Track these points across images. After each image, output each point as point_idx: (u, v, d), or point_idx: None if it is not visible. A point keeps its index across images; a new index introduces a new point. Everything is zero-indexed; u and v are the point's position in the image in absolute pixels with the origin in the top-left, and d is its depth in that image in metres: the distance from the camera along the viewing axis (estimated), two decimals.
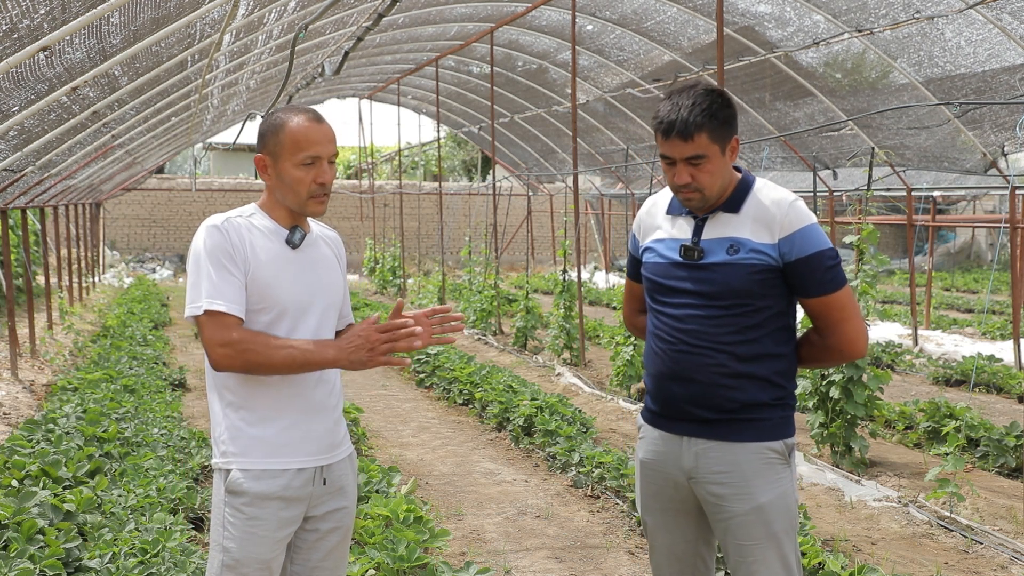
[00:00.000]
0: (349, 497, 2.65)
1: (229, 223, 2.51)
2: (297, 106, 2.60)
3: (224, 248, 2.46)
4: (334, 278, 2.66)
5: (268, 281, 2.50)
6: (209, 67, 8.46)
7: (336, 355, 2.44)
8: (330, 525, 2.61)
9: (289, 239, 2.56)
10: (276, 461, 2.50)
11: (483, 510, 5.65)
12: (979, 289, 19.93)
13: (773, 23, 9.83)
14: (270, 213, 2.59)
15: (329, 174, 2.54)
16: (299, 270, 2.56)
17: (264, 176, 2.57)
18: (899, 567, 4.69)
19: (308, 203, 2.54)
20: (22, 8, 4.18)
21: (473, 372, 8.90)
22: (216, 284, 2.44)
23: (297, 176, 2.51)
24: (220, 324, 2.43)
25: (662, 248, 2.73)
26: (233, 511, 2.48)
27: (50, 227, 15.12)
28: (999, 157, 9.67)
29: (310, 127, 2.51)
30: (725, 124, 2.60)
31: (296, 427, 2.52)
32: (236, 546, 2.47)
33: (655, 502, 2.79)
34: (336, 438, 2.61)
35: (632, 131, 15.04)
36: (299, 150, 2.49)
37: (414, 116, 26.45)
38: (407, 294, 18.46)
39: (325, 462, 2.57)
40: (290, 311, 2.52)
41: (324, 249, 2.69)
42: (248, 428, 2.50)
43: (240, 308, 2.45)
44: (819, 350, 2.71)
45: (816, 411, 6.64)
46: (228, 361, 2.42)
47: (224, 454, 2.52)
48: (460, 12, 13.43)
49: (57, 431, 6.00)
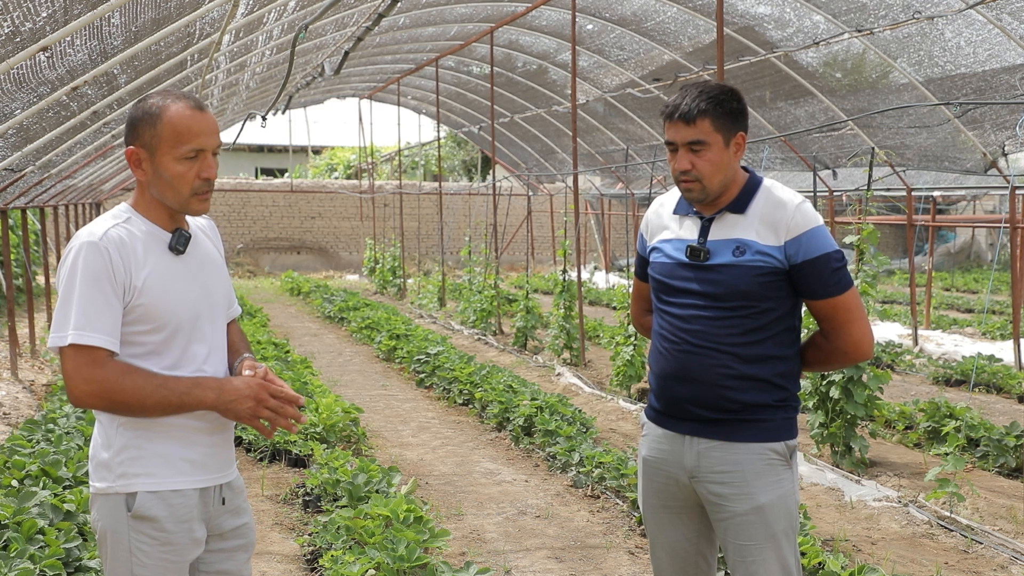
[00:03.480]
0: (247, 513, 2.49)
1: (107, 238, 2.22)
2: (173, 91, 2.30)
3: (102, 268, 2.19)
4: (221, 277, 2.45)
5: (157, 298, 2.25)
6: (209, 67, 8.46)
7: (215, 401, 2.24)
8: (237, 542, 2.44)
9: (173, 245, 2.31)
10: (184, 480, 2.29)
11: (483, 510, 5.65)
12: (979, 289, 19.92)
13: (773, 23, 9.83)
14: (147, 215, 2.32)
15: (214, 168, 2.29)
16: (188, 279, 2.33)
17: (137, 172, 2.30)
18: (899, 567, 4.69)
19: (191, 201, 2.28)
20: (24, 11, 4.19)
21: (473, 372, 8.90)
22: (87, 313, 2.16)
23: (178, 171, 2.24)
24: (88, 359, 2.16)
25: (669, 248, 2.74)
26: (142, 537, 2.25)
27: (50, 227, 15.12)
28: (999, 157, 9.66)
29: (193, 116, 2.24)
30: (730, 116, 2.60)
31: (200, 443, 2.33)
32: (149, 574, 2.25)
33: (657, 500, 2.79)
34: (231, 454, 2.46)
35: (632, 131, 15.04)
36: (180, 142, 2.23)
37: (414, 116, 26.46)
38: (407, 294, 18.47)
39: (225, 480, 2.41)
40: (184, 326, 2.29)
41: (205, 245, 2.45)
42: (150, 445, 2.26)
43: (114, 340, 2.20)
44: (825, 352, 2.71)
45: (816, 411, 6.64)
46: (92, 400, 2.18)
47: (123, 475, 2.25)
48: (460, 12, 13.43)
49: (57, 431, 6.00)
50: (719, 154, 2.60)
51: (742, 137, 2.64)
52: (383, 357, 11.12)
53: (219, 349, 2.41)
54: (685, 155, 2.61)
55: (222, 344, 2.43)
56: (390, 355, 11.01)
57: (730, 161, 2.63)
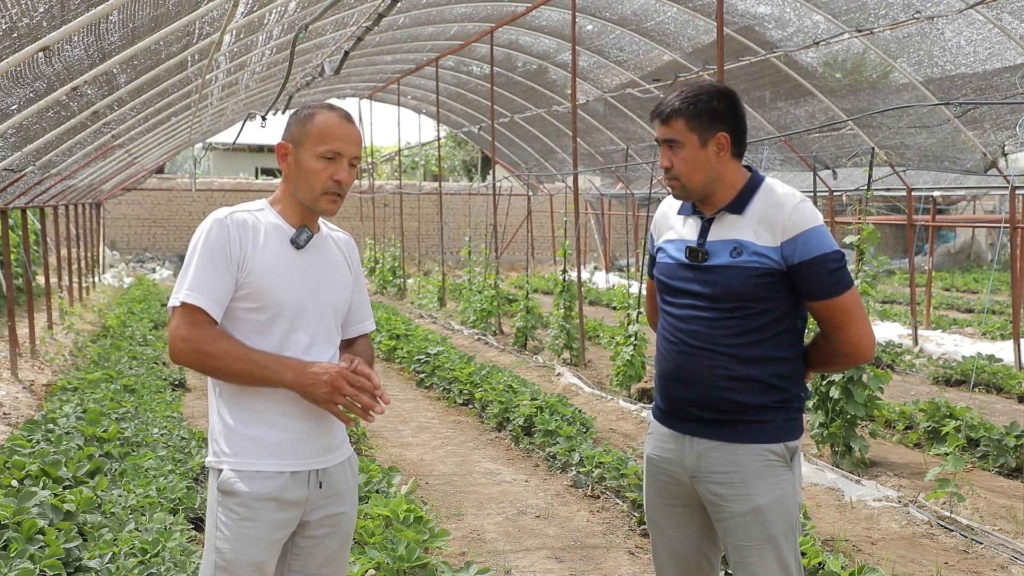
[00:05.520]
0: (347, 502, 2.58)
1: (233, 218, 2.45)
2: (330, 103, 2.57)
3: (221, 243, 2.41)
4: (339, 281, 2.59)
5: (266, 281, 2.43)
6: (209, 67, 8.46)
7: (294, 380, 2.39)
8: (326, 530, 2.54)
9: (294, 239, 2.50)
10: (269, 463, 2.44)
11: (483, 510, 5.65)
12: (979, 289, 19.93)
13: (773, 23, 9.83)
14: (280, 209, 2.53)
15: (348, 174, 2.49)
16: (302, 272, 2.49)
17: (283, 164, 2.52)
18: (899, 567, 4.69)
19: (321, 199, 2.48)
20: (22, 7, 4.18)
21: (473, 372, 8.90)
22: (199, 279, 2.39)
23: (315, 168, 2.46)
24: (189, 318, 2.38)
25: (671, 249, 2.74)
26: (226, 511, 2.42)
27: (50, 227, 15.11)
28: (999, 157, 9.66)
29: (339, 123, 2.48)
30: (708, 115, 2.60)
31: (291, 429, 2.46)
32: (229, 547, 2.41)
33: (660, 498, 2.79)
34: (333, 441, 2.55)
35: (632, 131, 15.03)
36: (322, 142, 2.45)
37: (414, 116, 26.45)
38: (407, 294, 18.47)
39: (321, 465, 2.50)
40: (287, 313, 2.45)
41: (332, 251, 2.62)
42: (241, 428, 2.44)
43: (217, 307, 2.40)
44: (826, 354, 2.70)
45: (816, 411, 6.64)
46: (185, 357, 2.39)
47: (217, 453, 2.47)
48: (460, 12, 13.43)
49: (57, 431, 6.00)
50: (694, 153, 2.61)
51: (724, 137, 2.62)
52: (383, 357, 11.12)
53: (324, 343, 2.53)
54: (666, 153, 2.66)
55: (328, 340, 2.54)
56: (390, 355, 11.01)
57: (709, 161, 2.62)
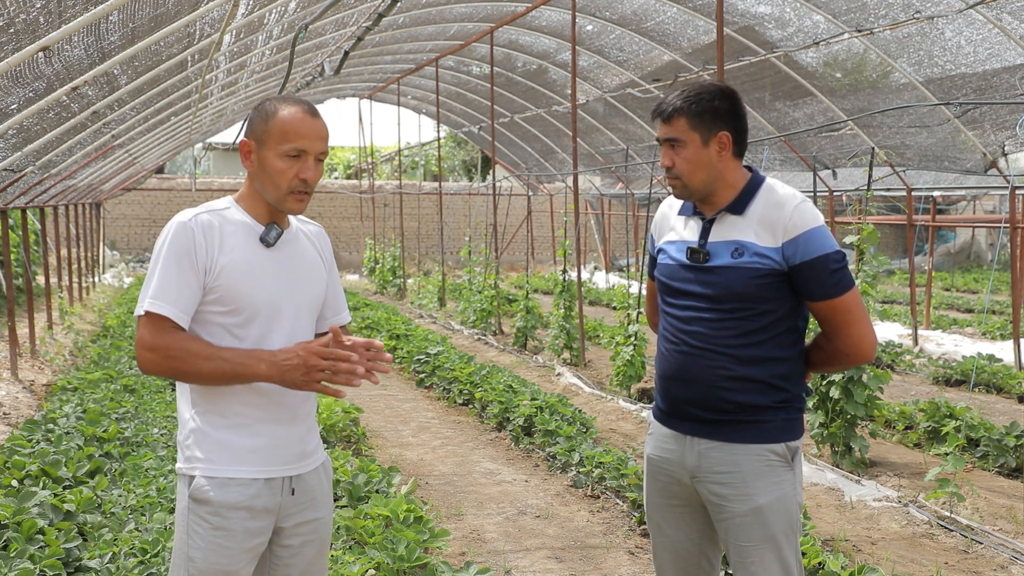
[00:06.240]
0: (323, 508, 2.51)
1: (197, 220, 2.35)
2: (294, 96, 2.45)
3: (185, 247, 2.32)
4: (313, 277, 2.51)
5: (237, 282, 2.35)
6: (209, 67, 8.47)
7: (268, 371, 2.29)
8: (303, 539, 2.47)
9: (263, 237, 2.41)
10: (243, 469, 2.36)
11: (483, 510, 5.65)
12: (979, 289, 19.93)
13: (773, 23, 9.83)
14: (247, 207, 2.44)
15: (314, 171, 2.38)
16: (274, 270, 2.41)
17: (246, 163, 2.42)
18: (899, 567, 4.69)
19: (287, 198, 2.38)
20: (19, 3, 4.18)
21: (473, 372, 8.90)
22: (163, 286, 2.31)
23: (279, 167, 2.36)
24: (155, 327, 2.29)
25: (672, 250, 2.74)
26: (198, 519, 2.34)
27: (50, 227, 15.11)
28: (999, 157, 9.66)
29: (302, 119, 2.36)
30: (709, 114, 2.60)
31: (265, 434, 2.39)
32: (202, 556, 2.33)
33: (660, 498, 2.79)
34: (307, 447, 2.48)
35: (632, 131, 15.04)
36: (285, 140, 2.35)
37: (414, 116, 26.47)
38: (407, 294, 18.46)
39: (295, 472, 2.43)
40: (262, 314, 2.38)
41: (304, 245, 2.53)
42: (214, 433, 2.37)
43: (183, 314, 2.32)
44: (827, 354, 2.70)
45: (816, 411, 6.64)
46: (152, 366, 2.31)
47: (188, 459, 2.38)
48: (460, 12, 13.44)
49: (57, 431, 6.00)
50: (696, 152, 2.61)
51: (726, 136, 2.62)
52: None
53: (302, 341, 2.45)
54: (667, 152, 2.66)
55: (305, 338, 2.46)
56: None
57: (711, 160, 2.62)
